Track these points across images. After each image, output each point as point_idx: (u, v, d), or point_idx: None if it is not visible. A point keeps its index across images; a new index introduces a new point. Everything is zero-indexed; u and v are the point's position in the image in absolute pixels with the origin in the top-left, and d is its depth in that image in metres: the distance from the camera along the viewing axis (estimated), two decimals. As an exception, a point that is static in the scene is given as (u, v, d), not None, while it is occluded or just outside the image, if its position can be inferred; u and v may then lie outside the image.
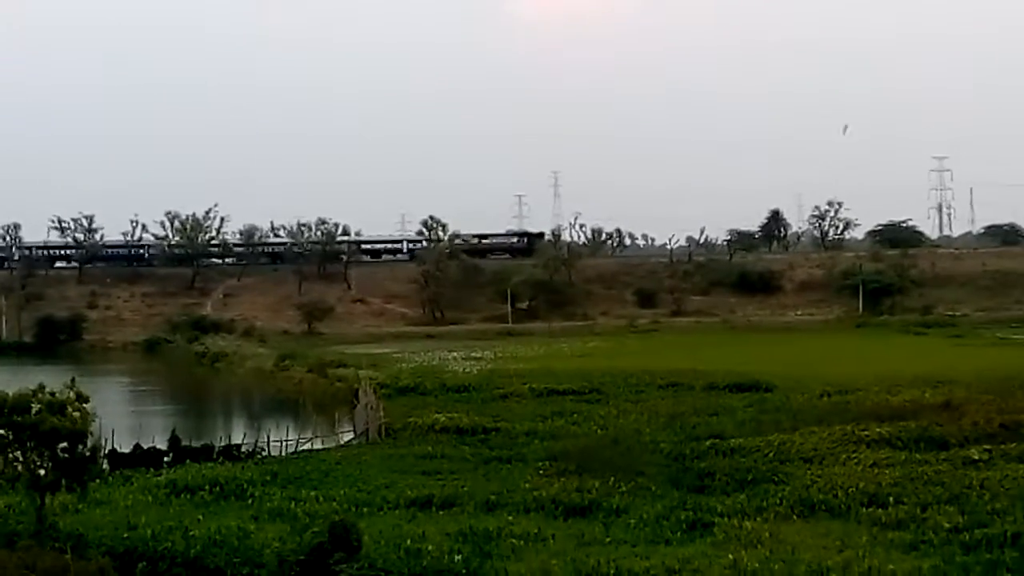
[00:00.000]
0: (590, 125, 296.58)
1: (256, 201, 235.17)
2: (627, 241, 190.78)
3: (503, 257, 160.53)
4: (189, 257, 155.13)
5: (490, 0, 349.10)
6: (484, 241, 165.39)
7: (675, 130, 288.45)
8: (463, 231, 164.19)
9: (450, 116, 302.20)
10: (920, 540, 29.57)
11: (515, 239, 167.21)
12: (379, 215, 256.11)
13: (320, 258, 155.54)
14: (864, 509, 33.17)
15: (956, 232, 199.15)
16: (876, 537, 30.14)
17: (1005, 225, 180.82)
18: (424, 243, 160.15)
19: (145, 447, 45.83)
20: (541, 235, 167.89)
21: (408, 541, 29.81)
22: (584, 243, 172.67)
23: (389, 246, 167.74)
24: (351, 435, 54.61)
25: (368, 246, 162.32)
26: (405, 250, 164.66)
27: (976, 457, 39.82)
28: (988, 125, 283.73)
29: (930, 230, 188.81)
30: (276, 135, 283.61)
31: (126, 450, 45.13)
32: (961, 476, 36.91)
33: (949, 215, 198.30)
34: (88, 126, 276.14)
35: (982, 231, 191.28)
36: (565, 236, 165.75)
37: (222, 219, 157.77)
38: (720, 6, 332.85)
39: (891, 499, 33.94)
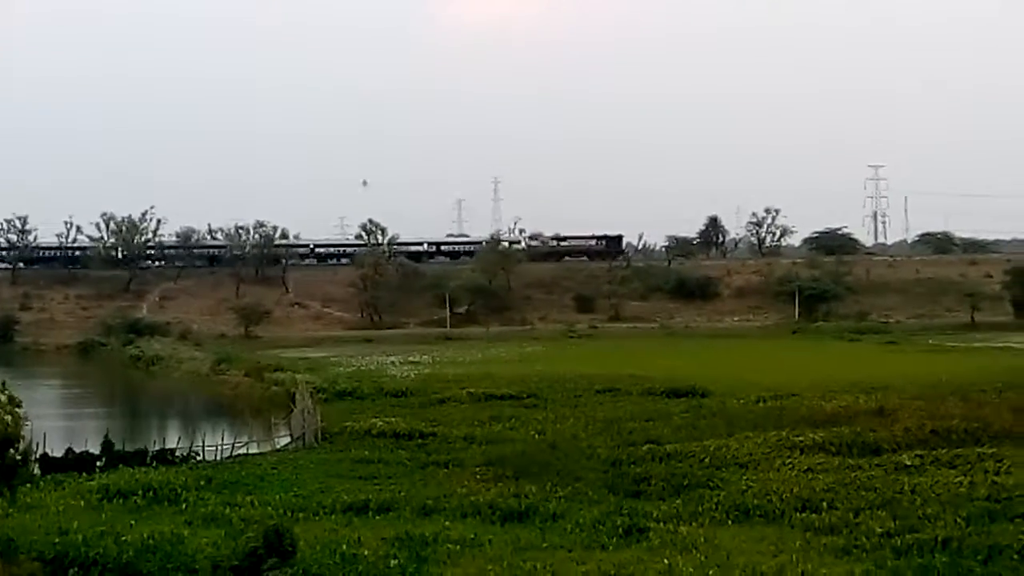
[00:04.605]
0: (530, 130, 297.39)
1: (193, 203, 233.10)
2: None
3: (582, 259, 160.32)
4: (125, 259, 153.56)
5: (430, 3, 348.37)
6: (563, 243, 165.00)
7: (614, 136, 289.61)
8: (403, 235, 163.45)
9: (388, 120, 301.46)
10: (852, 545, 29.79)
11: (594, 241, 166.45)
12: (317, 217, 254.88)
13: (258, 261, 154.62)
14: (798, 514, 33.41)
15: (891, 240, 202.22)
16: (809, 542, 30.34)
17: (938, 233, 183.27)
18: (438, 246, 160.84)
19: (77, 451, 45.20)
20: (620, 238, 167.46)
21: (344, 546, 29.61)
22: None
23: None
24: (287, 439, 54.22)
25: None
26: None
27: (908, 463, 40.22)
28: (923, 134, 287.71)
29: (865, 237, 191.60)
30: (213, 135, 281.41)
31: (58, 454, 44.50)
32: (893, 481, 37.26)
33: (884, 223, 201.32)
34: (22, 124, 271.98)
35: (916, 239, 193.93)
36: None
37: (159, 221, 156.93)
38: (659, 6, 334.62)
39: (824, 504, 34.21)
